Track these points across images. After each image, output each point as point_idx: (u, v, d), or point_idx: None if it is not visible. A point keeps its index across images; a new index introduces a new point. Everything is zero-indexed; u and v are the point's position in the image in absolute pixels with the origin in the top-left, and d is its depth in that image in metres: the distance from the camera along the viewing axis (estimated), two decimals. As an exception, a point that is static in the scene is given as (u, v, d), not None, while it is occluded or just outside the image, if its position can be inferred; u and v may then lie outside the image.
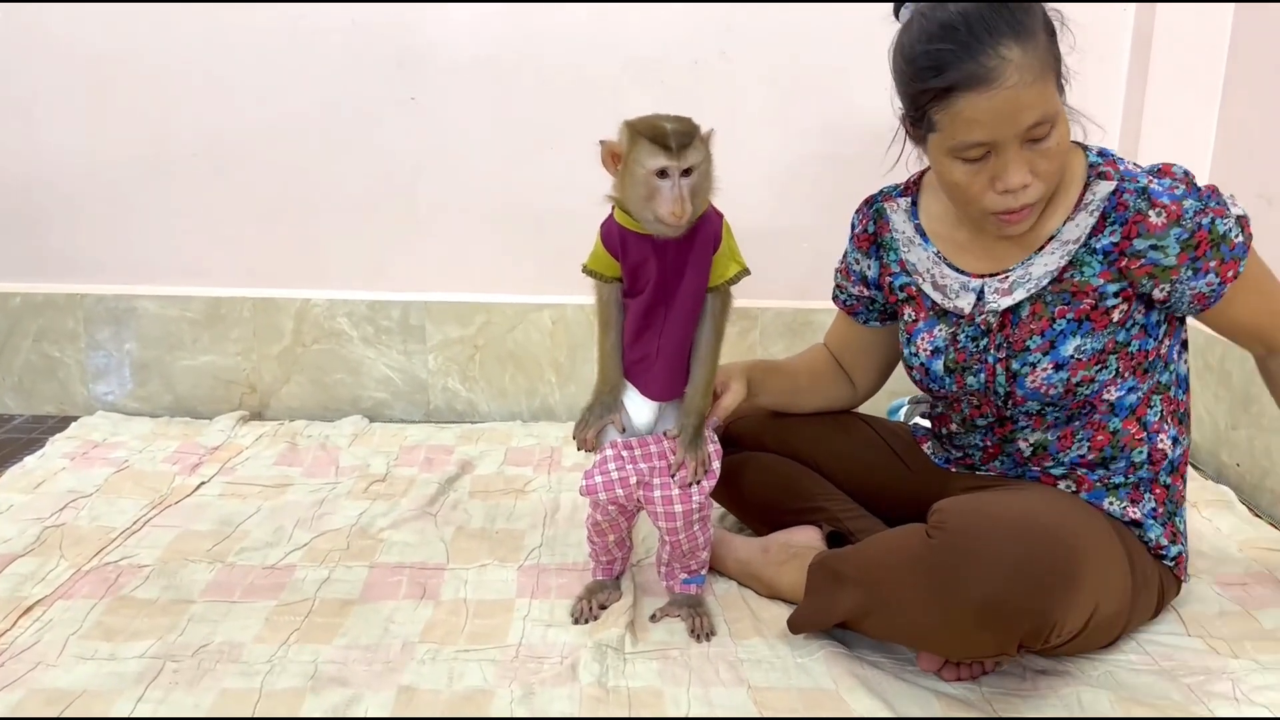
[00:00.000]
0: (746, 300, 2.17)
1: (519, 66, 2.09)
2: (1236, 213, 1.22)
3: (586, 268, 1.29)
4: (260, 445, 2.03)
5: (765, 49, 2.08)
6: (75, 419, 2.15)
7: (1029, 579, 1.05)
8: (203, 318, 2.20)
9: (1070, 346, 1.24)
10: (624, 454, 1.29)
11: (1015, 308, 1.27)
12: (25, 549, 1.53)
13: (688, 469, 1.27)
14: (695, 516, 1.31)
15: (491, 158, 2.13)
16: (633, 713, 1.16)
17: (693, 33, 2.06)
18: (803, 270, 2.15)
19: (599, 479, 1.29)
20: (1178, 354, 1.32)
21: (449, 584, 1.46)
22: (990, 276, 1.29)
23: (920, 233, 1.37)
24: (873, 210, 1.42)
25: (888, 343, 1.51)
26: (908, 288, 1.39)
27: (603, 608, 1.38)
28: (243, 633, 1.32)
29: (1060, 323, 1.25)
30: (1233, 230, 1.21)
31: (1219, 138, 2.01)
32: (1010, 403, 1.29)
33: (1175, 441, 1.31)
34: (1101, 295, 1.23)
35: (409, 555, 1.55)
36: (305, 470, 1.90)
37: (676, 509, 1.29)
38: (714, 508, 1.70)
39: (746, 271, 1.29)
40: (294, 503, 1.75)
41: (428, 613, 1.38)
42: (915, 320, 1.38)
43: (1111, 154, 1.26)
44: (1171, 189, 1.19)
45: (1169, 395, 1.30)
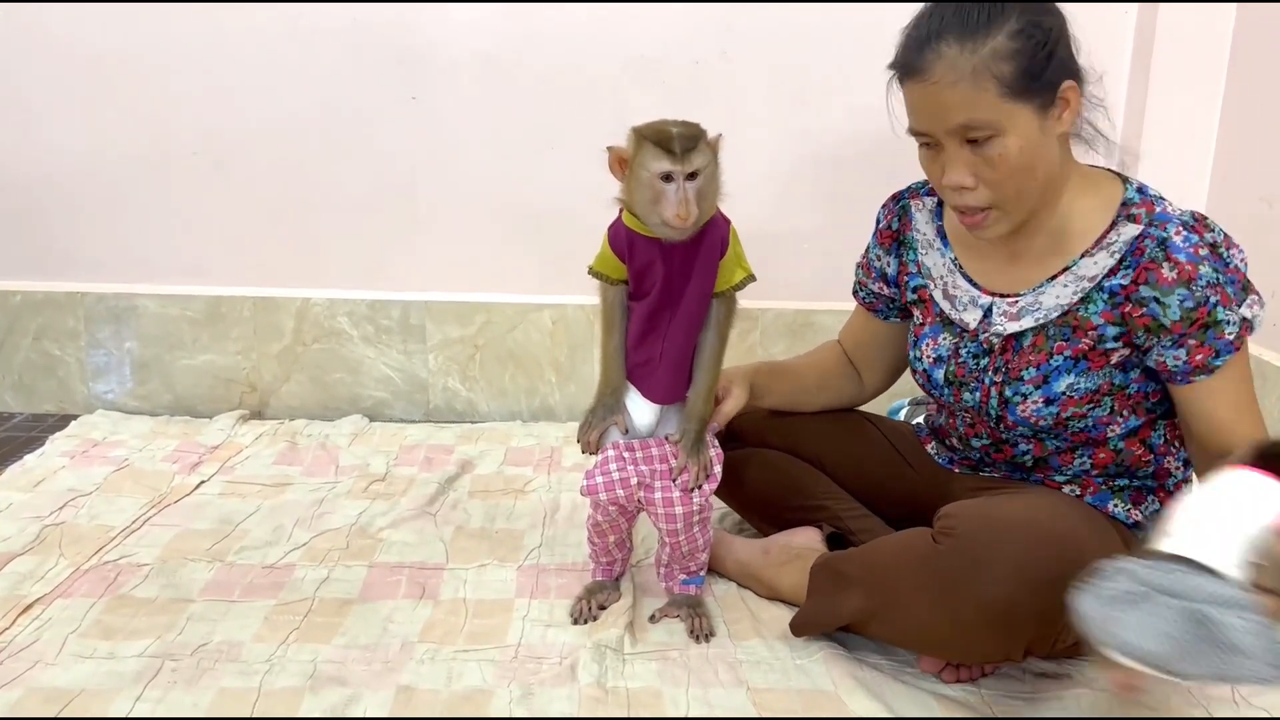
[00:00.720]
0: (747, 301, 2.13)
1: (519, 66, 2.09)
2: (1244, 314, 1.14)
3: (593, 269, 1.29)
4: (260, 444, 2.03)
5: (766, 50, 2.08)
6: (75, 417, 2.15)
7: (1037, 585, 1.05)
8: (203, 316, 2.19)
9: (1063, 383, 1.22)
10: (625, 455, 1.29)
11: (1019, 335, 1.26)
12: (24, 547, 1.53)
13: (689, 474, 1.27)
14: (696, 518, 1.31)
15: (492, 157, 2.13)
16: (631, 714, 1.16)
17: (694, 33, 2.06)
18: (804, 271, 2.15)
19: (600, 479, 1.29)
20: None
21: (448, 584, 1.46)
22: (1001, 296, 1.28)
23: (942, 236, 1.36)
24: (898, 206, 1.41)
25: (904, 341, 1.49)
26: (921, 290, 1.38)
27: (602, 608, 1.37)
28: (242, 632, 1.32)
29: (1057, 359, 1.23)
30: (1230, 325, 1.14)
31: (1220, 139, 2.01)
32: (1002, 426, 1.29)
33: (1186, 464, 1.29)
34: (1101, 336, 1.20)
35: (408, 555, 1.55)
36: (305, 469, 1.90)
37: (677, 511, 1.29)
38: (714, 507, 1.70)
39: (752, 278, 1.29)
40: (293, 502, 1.75)
41: (427, 612, 1.38)
42: (923, 324, 1.38)
43: (1152, 194, 1.22)
44: (1195, 249, 1.14)
45: (1173, 421, 1.28)
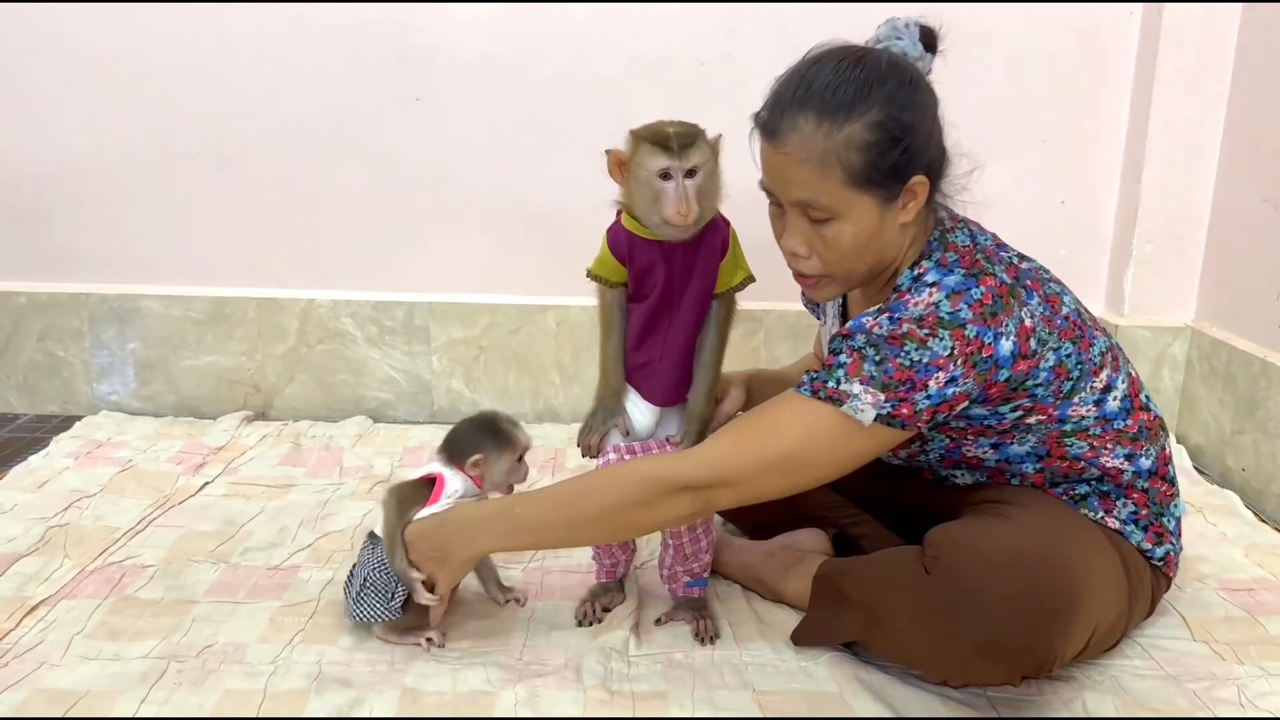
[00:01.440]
0: (751, 303, 2.13)
1: (524, 67, 2.09)
2: (846, 388, 1.10)
3: (591, 273, 1.29)
4: (264, 445, 2.03)
5: (771, 51, 2.06)
6: (79, 418, 2.15)
7: (1028, 618, 1.04)
8: (207, 317, 2.20)
9: None
10: (627, 458, 1.29)
11: None
12: (29, 548, 1.53)
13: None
14: (698, 523, 1.31)
15: (496, 158, 2.13)
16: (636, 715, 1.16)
17: (698, 34, 2.06)
18: (807, 272, 2.15)
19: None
20: (1088, 403, 1.21)
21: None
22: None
23: None
24: None
25: None
26: None
27: (606, 610, 1.37)
28: (246, 633, 1.32)
29: None
30: (834, 382, 1.11)
31: (1225, 140, 2.01)
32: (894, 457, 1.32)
33: (1130, 457, 1.25)
34: None
35: (413, 556, 1.55)
36: (309, 471, 1.90)
37: None
38: (714, 516, 1.70)
39: (752, 278, 1.29)
40: (298, 503, 1.75)
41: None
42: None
43: (924, 280, 1.15)
44: (868, 328, 1.12)
45: (1086, 433, 1.23)
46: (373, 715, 1.15)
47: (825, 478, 1.19)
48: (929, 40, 1.19)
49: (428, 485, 1.30)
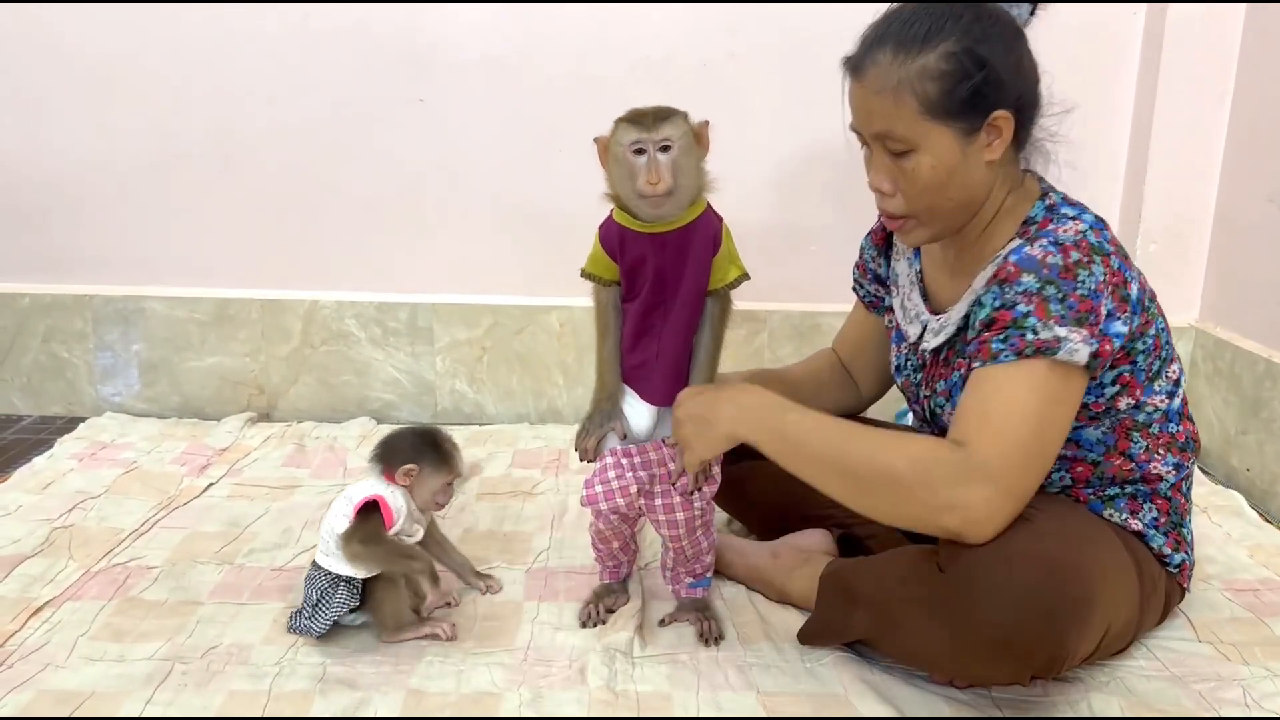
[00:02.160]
0: (754, 303, 2.16)
1: (527, 68, 2.09)
2: (1058, 332, 1.08)
3: (585, 271, 1.29)
4: (268, 446, 2.03)
5: (774, 50, 2.07)
6: (83, 420, 2.15)
7: (1043, 614, 1.03)
8: (211, 319, 2.20)
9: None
10: (624, 462, 1.29)
11: (938, 349, 1.28)
12: (34, 550, 1.53)
13: (688, 477, 1.26)
14: (698, 522, 1.31)
15: (499, 159, 2.13)
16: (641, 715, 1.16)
17: (700, 34, 2.06)
18: (811, 273, 2.15)
19: (599, 488, 1.29)
20: (1160, 394, 1.24)
21: (456, 586, 1.46)
22: (937, 315, 1.29)
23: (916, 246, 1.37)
24: None
25: None
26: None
27: (610, 611, 1.37)
28: (251, 634, 1.32)
29: (957, 375, 1.24)
30: (1032, 334, 1.08)
31: (1229, 139, 2.01)
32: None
33: (1177, 467, 1.27)
34: None
35: (417, 557, 1.55)
36: (313, 472, 1.90)
37: (679, 516, 1.28)
38: (720, 514, 1.70)
39: (746, 276, 1.28)
40: (302, 504, 1.75)
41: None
42: (891, 329, 1.41)
43: (1061, 211, 1.18)
44: (1040, 256, 1.10)
45: (1149, 431, 1.25)
46: (377, 716, 1.15)
47: (1060, 444, 1.12)
48: None
49: (374, 510, 1.28)
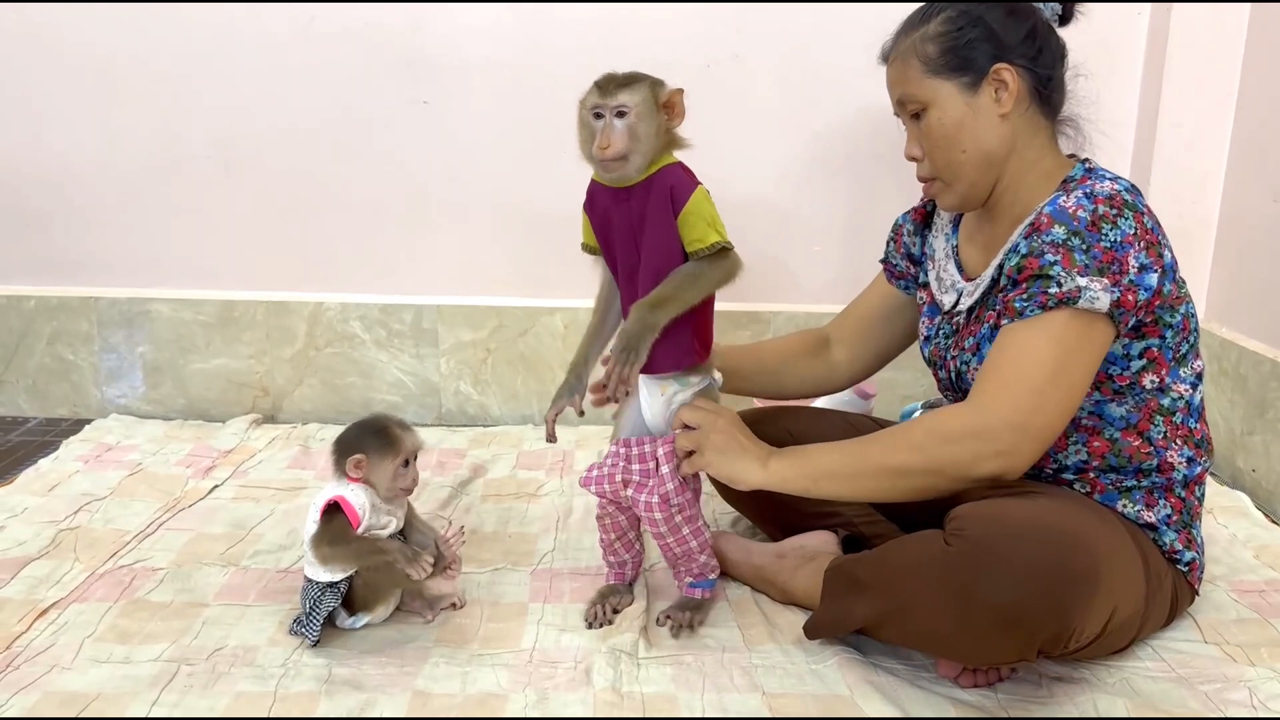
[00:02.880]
0: (759, 303, 2.16)
1: (531, 69, 2.09)
2: (1080, 282, 1.11)
3: (584, 244, 1.33)
4: (273, 448, 2.03)
5: (778, 51, 2.08)
6: (89, 421, 2.16)
7: (1048, 585, 1.05)
8: (215, 321, 2.20)
9: (989, 349, 1.21)
10: (622, 452, 1.32)
11: (970, 309, 1.31)
12: (40, 551, 1.54)
13: (613, 387, 1.22)
14: (677, 520, 1.31)
15: (504, 161, 2.13)
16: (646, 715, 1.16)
17: (705, 35, 2.06)
18: (815, 273, 2.14)
19: (595, 472, 1.33)
20: (1185, 383, 1.26)
21: (462, 588, 1.46)
22: (972, 280, 1.33)
23: (955, 221, 1.40)
24: None
25: (905, 325, 1.53)
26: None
27: (615, 611, 1.37)
28: (257, 636, 1.32)
29: (985, 327, 1.25)
30: (1055, 285, 1.12)
31: (1234, 139, 2.00)
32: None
33: (1191, 461, 1.28)
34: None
35: (422, 559, 1.55)
36: (318, 473, 1.90)
37: (657, 515, 1.29)
38: (728, 512, 1.70)
39: (728, 244, 1.23)
40: (307, 506, 1.73)
41: (441, 616, 1.38)
42: (923, 304, 1.44)
43: (1103, 172, 1.24)
44: (1072, 209, 1.14)
45: (1171, 419, 1.26)
46: (383, 717, 1.15)
47: (1085, 391, 1.16)
48: None
49: (337, 511, 1.29)
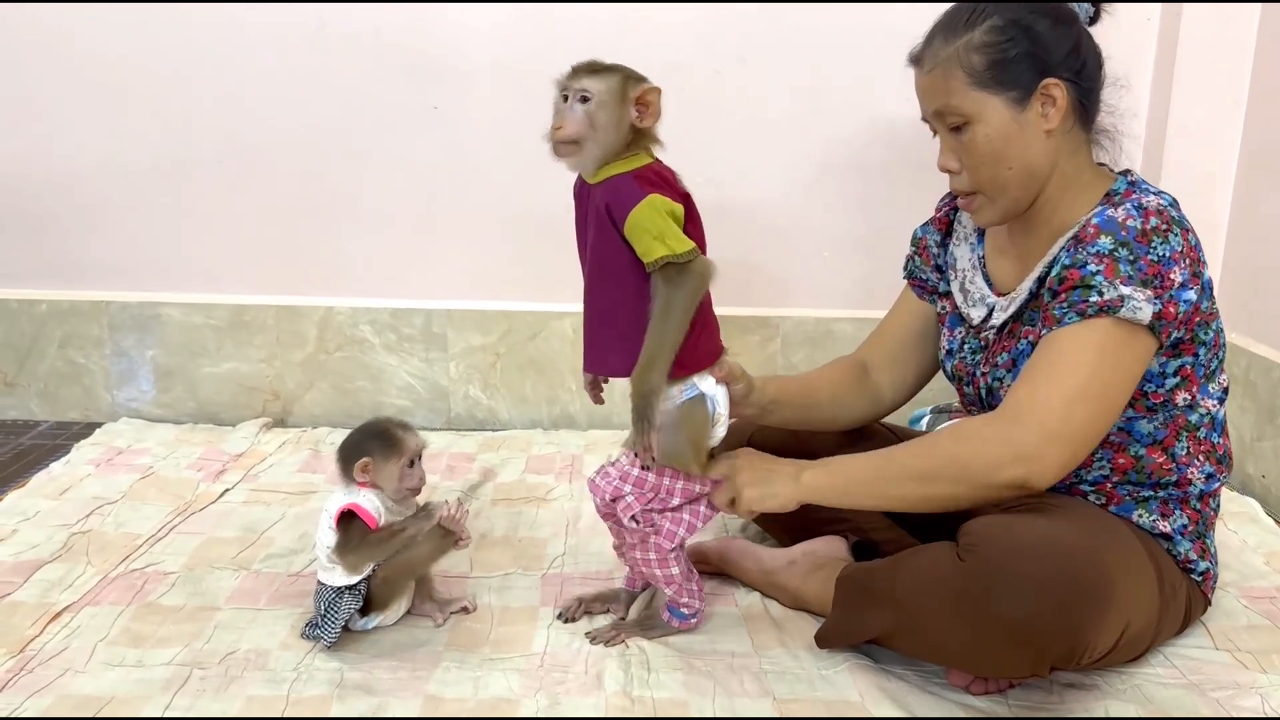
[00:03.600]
0: (767, 309, 2.16)
1: (540, 74, 2.06)
2: (1123, 291, 1.10)
3: None
4: (283, 452, 2.04)
5: (787, 57, 2.08)
6: (100, 425, 2.17)
7: (1061, 601, 1.04)
8: (226, 324, 2.21)
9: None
10: (623, 460, 1.30)
11: (1003, 324, 1.29)
12: (52, 555, 1.54)
13: (641, 455, 1.21)
14: (638, 537, 1.29)
15: (513, 165, 2.13)
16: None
17: (714, 41, 2.06)
18: (824, 280, 2.15)
19: (596, 478, 1.31)
20: (1213, 398, 1.26)
21: (472, 592, 1.46)
22: (1004, 295, 1.30)
23: (980, 231, 1.38)
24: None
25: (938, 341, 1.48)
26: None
27: (589, 614, 1.39)
28: (269, 639, 1.33)
29: (1023, 343, 1.24)
30: (1097, 294, 1.11)
31: (1244, 144, 2.00)
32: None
33: (1210, 477, 1.28)
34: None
35: (432, 563, 1.55)
36: (328, 477, 1.91)
37: (631, 526, 1.29)
38: (738, 519, 1.69)
39: (678, 257, 1.14)
40: (318, 509, 1.72)
41: (451, 620, 1.38)
42: (944, 314, 1.42)
43: (1145, 186, 1.22)
44: (1120, 221, 1.13)
45: (1196, 435, 1.26)
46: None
47: (1123, 405, 1.15)
48: None
49: (352, 518, 1.29)
